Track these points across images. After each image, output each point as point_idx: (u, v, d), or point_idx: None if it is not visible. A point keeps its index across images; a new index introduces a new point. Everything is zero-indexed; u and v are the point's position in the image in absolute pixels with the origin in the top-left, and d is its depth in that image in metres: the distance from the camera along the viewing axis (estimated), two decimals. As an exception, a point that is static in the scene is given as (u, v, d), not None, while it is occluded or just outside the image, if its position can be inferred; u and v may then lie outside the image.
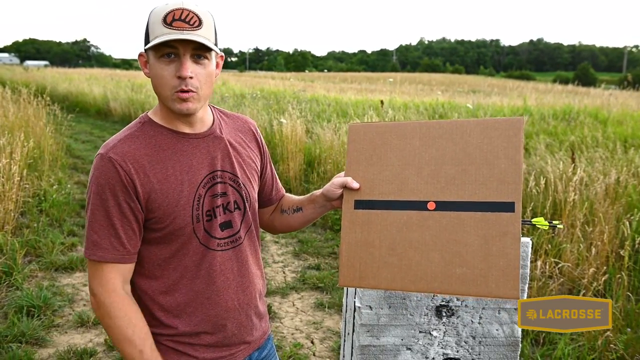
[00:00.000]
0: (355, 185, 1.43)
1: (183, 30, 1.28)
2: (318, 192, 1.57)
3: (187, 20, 1.29)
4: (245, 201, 1.49)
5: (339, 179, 1.47)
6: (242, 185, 1.48)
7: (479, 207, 1.32)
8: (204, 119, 1.44)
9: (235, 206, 1.47)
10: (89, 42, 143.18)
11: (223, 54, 1.44)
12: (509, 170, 1.31)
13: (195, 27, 1.29)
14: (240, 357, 1.51)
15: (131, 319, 1.33)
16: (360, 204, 1.44)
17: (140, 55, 1.38)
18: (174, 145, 1.37)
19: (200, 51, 1.31)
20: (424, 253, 1.34)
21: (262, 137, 1.63)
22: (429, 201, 1.36)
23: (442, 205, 1.35)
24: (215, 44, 1.35)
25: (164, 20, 1.28)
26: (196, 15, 1.30)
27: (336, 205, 1.54)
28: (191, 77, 1.30)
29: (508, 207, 1.29)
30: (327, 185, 1.51)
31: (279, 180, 1.74)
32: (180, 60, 1.29)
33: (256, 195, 1.57)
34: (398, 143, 1.43)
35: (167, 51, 1.29)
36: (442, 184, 1.36)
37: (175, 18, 1.28)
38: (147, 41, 1.32)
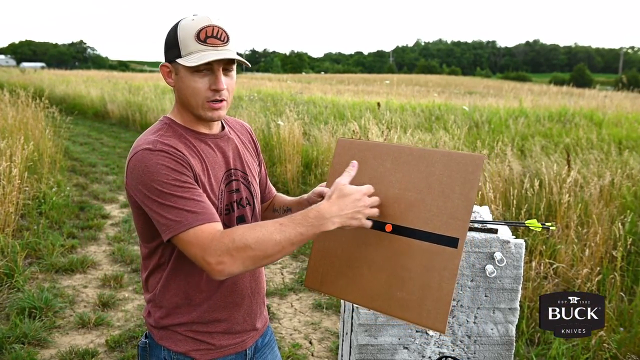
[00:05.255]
0: None
1: (217, 46, 1.38)
2: (305, 195, 1.69)
3: (218, 36, 1.39)
4: (254, 197, 1.61)
5: (319, 188, 1.60)
6: (250, 182, 1.60)
7: (428, 237, 1.35)
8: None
9: (247, 202, 1.58)
10: (85, 43, 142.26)
11: (248, 63, 1.52)
12: (461, 206, 1.33)
13: (225, 42, 1.40)
14: (250, 343, 1.60)
15: (250, 228, 1.28)
16: None
17: (163, 66, 1.45)
18: (199, 144, 1.47)
19: (230, 65, 1.42)
20: (373, 272, 1.40)
21: (257, 139, 1.75)
22: (387, 223, 1.41)
23: (397, 229, 1.39)
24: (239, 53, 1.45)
25: (198, 36, 1.37)
26: (224, 31, 1.40)
27: None
28: (224, 89, 1.41)
29: (452, 242, 1.32)
30: (310, 192, 1.64)
31: (269, 180, 1.85)
32: (214, 75, 1.39)
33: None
34: (373, 162, 1.48)
35: (202, 67, 1.38)
36: (402, 209, 1.40)
37: (208, 35, 1.38)
38: (176, 54, 1.39)
